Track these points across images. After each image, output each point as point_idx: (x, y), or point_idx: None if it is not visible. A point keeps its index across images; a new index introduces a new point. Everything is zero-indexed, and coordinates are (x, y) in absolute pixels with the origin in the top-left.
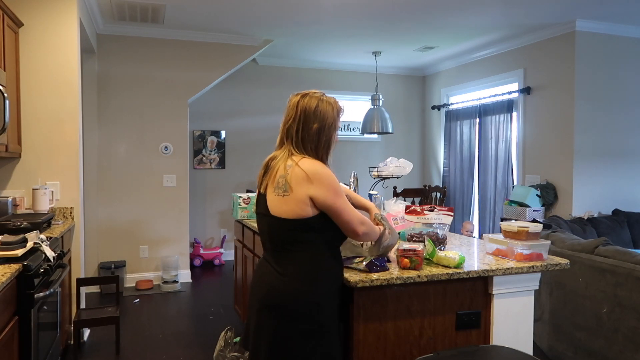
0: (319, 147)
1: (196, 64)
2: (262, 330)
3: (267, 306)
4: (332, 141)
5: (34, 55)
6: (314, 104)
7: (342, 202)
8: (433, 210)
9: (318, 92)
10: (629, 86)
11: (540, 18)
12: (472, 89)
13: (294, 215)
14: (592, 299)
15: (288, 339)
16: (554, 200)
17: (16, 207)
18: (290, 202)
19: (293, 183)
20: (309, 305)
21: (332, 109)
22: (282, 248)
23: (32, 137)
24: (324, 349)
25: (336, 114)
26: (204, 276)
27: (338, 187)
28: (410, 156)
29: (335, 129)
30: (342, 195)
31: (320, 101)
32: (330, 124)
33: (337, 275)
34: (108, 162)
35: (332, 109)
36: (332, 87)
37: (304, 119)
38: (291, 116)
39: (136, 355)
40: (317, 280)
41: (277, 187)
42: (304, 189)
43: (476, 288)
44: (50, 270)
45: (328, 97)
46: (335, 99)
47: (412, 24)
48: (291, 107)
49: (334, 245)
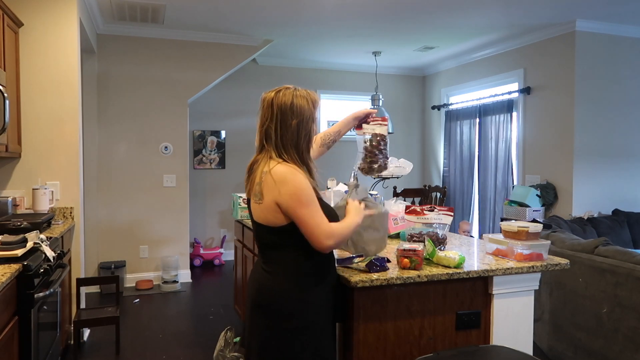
0: (299, 142)
1: (196, 64)
2: (254, 329)
3: (257, 305)
4: (312, 134)
5: (34, 55)
6: (289, 100)
7: (306, 212)
8: (433, 210)
9: (290, 86)
10: (629, 86)
11: (540, 18)
12: (472, 89)
13: (269, 223)
14: (592, 299)
15: (277, 337)
16: (554, 200)
17: (16, 207)
18: (264, 209)
19: (265, 191)
20: (296, 303)
21: (308, 101)
22: (267, 249)
23: (32, 137)
24: (313, 346)
25: (312, 105)
26: (204, 276)
27: (304, 196)
28: (410, 156)
29: (313, 120)
30: (308, 205)
31: (294, 96)
32: (308, 117)
33: (326, 273)
34: (108, 162)
35: (308, 101)
36: (332, 87)
37: (280, 116)
38: (267, 116)
39: (136, 355)
40: (303, 278)
41: (254, 195)
42: (272, 197)
43: (476, 288)
44: (50, 270)
45: (301, 90)
46: (309, 91)
47: (412, 24)
48: (266, 106)
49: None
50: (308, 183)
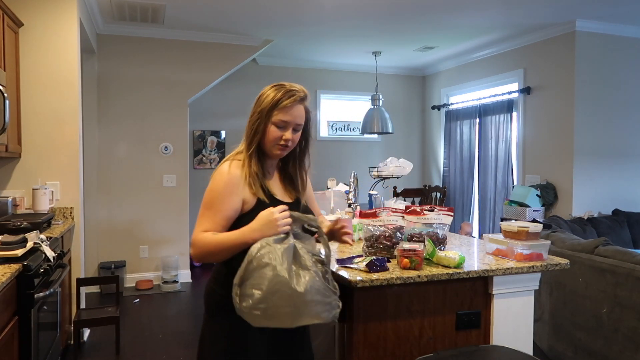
0: (248, 136)
1: (196, 64)
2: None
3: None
4: (259, 132)
5: (34, 55)
6: (264, 90)
7: (200, 212)
8: (433, 211)
9: (286, 83)
10: (629, 86)
11: (540, 18)
12: (472, 89)
13: None
14: (592, 299)
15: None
16: (554, 200)
17: (16, 207)
18: None
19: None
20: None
21: (273, 97)
22: None
23: (32, 137)
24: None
25: (274, 102)
26: (204, 276)
27: (209, 197)
28: (410, 156)
29: (267, 118)
30: (207, 207)
31: (272, 88)
32: (263, 110)
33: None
34: (108, 162)
35: (273, 97)
36: (332, 87)
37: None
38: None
39: (136, 355)
40: (226, 277)
41: None
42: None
43: (476, 288)
44: (50, 270)
45: (283, 86)
46: (288, 88)
47: (412, 24)
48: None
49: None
50: (224, 186)
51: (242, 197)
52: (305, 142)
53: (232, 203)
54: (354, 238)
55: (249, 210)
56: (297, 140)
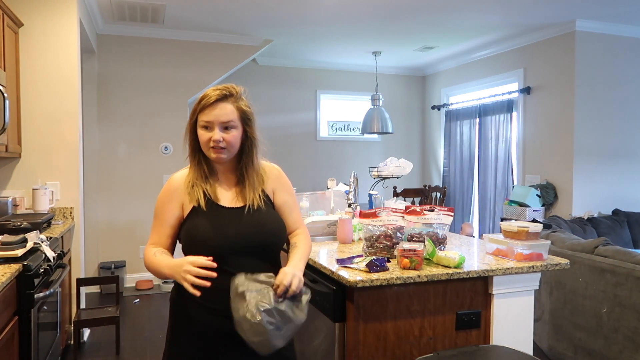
0: (188, 144)
1: (196, 64)
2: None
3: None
4: (194, 138)
5: (34, 55)
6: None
7: (153, 223)
8: (433, 211)
9: (240, 88)
10: (629, 86)
11: (540, 18)
12: (472, 89)
13: None
14: (592, 299)
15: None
16: (554, 200)
17: (16, 207)
18: None
19: None
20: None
21: (196, 102)
22: None
23: (32, 137)
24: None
25: (196, 105)
26: None
27: (155, 208)
28: (410, 156)
29: (195, 123)
30: (155, 218)
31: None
32: (191, 117)
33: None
34: (108, 162)
35: (196, 102)
36: (332, 87)
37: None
38: None
39: (136, 355)
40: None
41: None
42: None
43: (476, 288)
44: (50, 270)
45: (216, 89)
46: (212, 89)
47: (412, 24)
48: None
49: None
50: (162, 194)
51: (181, 203)
52: (250, 142)
53: (171, 210)
54: (353, 238)
55: (185, 217)
56: (233, 140)
